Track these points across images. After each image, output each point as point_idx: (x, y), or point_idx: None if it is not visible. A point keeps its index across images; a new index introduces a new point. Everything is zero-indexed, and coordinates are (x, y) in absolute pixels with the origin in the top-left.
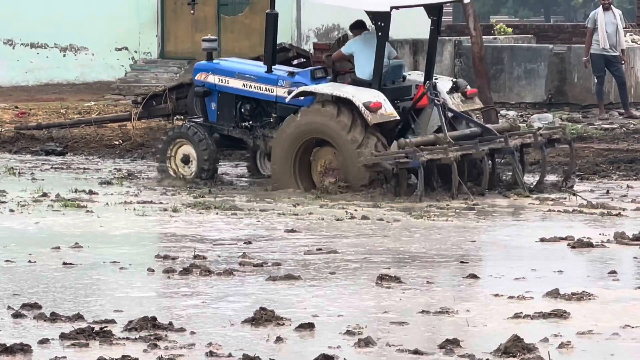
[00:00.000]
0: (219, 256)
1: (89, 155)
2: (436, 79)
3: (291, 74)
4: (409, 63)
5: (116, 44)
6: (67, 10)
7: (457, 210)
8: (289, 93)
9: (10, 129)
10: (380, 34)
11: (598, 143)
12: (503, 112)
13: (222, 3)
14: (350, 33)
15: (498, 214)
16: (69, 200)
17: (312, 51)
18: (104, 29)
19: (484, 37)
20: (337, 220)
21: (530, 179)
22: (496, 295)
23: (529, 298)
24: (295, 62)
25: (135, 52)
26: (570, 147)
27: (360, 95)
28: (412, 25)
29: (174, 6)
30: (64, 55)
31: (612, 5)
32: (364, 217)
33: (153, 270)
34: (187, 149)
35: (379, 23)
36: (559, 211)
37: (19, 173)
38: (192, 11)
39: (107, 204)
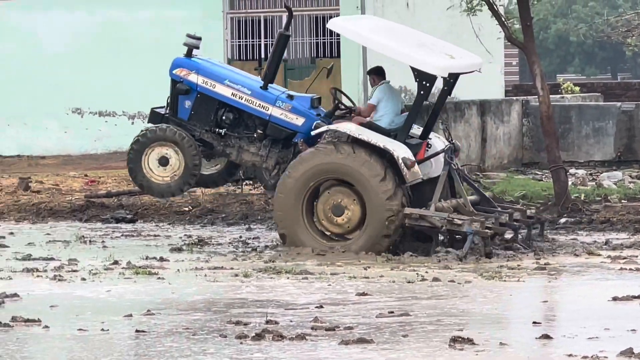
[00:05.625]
0: (291, 321)
1: (159, 222)
2: (430, 137)
3: (290, 96)
4: (477, 123)
5: None
6: (134, 78)
7: (528, 271)
8: (286, 115)
9: (80, 197)
10: (422, 92)
11: None
12: (572, 170)
13: (288, 67)
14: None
15: (569, 274)
16: (140, 267)
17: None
18: None
19: (551, 96)
20: (409, 282)
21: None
22: (570, 355)
23: (603, 358)
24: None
25: None
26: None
27: (399, 150)
28: (479, 85)
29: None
30: (132, 123)
31: None
32: (436, 279)
33: (225, 336)
34: (166, 151)
35: (425, 83)
36: (631, 269)
37: (90, 241)
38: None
39: (178, 270)
